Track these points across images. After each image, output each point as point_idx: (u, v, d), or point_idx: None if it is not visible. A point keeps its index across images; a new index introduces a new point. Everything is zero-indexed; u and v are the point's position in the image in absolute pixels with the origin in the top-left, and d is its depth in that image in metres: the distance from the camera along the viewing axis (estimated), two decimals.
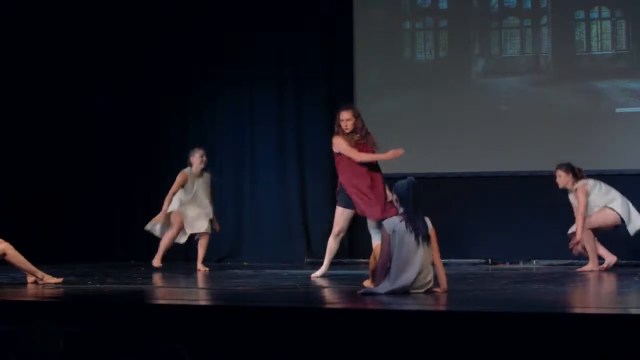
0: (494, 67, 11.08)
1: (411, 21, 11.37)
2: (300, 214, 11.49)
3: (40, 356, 4.58)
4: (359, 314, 5.81)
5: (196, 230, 9.92)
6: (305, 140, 11.48)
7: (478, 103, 11.04)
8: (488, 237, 10.79)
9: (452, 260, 10.14)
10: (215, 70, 11.75)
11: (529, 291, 7.17)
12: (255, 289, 7.58)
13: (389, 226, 6.66)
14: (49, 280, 7.89)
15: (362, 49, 11.39)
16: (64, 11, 11.65)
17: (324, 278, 8.47)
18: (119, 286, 7.71)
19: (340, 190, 8.60)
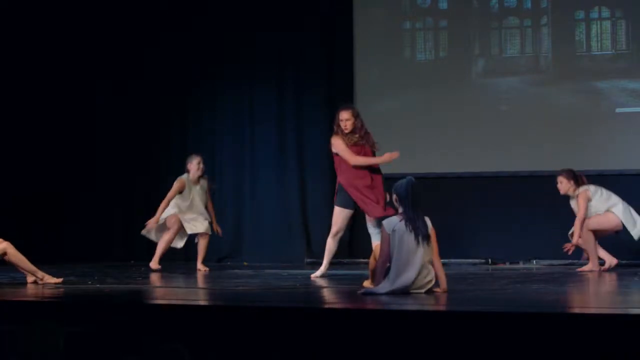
0: (494, 67, 11.07)
1: (411, 21, 11.37)
2: (300, 214, 11.49)
3: (40, 356, 4.58)
4: (359, 314, 5.81)
5: (196, 230, 9.92)
6: (305, 140, 11.48)
7: (478, 103, 11.03)
8: (488, 237, 10.79)
9: (452, 260, 10.14)
10: (215, 70, 11.75)
11: (529, 291, 7.17)
12: (255, 289, 7.58)
13: (389, 226, 6.66)
14: (48, 280, 7.89)
15: (362, 49, 11.39)
16: (64, 11, 11.65)
17: (323, 278, 8.47)
18: (119, 286, 7.71)
19: (338, 190, 8.60)
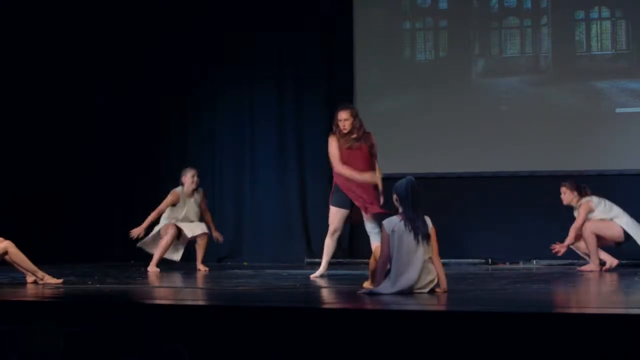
0: (494, 67, 11.07)
1: (411, 21, 11.36)
2: (300, 214, 11.48)
3: (40, 356, 4.58)
4: (359, 314, 5.81)
5: (194, 233, 9.91)
6: (305, 140, 11.48)
7: (478, 103, 11.02)
8: (488, 237, 10.78)
9: (452, 260, 10.14)
10: (215, 70, 11.75)
11: (529, 291, 7.17)
12: (255, 289, 7.58)
13: (389, 226, 6.66)
14: (49, 280, 7.89)
15: (362, 49, 11.38)
16: (64, 11, 11.64)
17: (323, 278, 8.47)
18: (119, 286, 7.72)
19: (334, 190, 8.60)
